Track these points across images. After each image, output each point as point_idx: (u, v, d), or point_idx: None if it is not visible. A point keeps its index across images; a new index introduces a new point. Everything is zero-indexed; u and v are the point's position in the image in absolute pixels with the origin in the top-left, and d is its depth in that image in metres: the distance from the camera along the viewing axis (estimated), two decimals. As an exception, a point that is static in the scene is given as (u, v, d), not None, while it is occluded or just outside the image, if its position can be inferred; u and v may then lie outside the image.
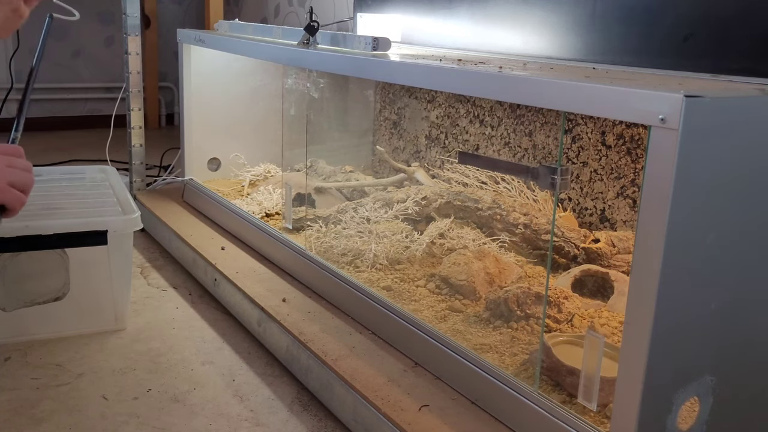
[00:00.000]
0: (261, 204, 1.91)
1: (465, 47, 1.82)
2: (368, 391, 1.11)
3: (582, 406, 0.98)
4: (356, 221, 1.66)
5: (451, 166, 1.83)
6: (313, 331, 1.32)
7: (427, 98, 1.99)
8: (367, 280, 1.44)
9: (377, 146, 2.18)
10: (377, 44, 1.38)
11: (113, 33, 3.69)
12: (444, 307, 1.34)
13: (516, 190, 1.64)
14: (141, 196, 2.19)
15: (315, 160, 1.99)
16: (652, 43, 1.38)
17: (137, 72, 2.15)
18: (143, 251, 2.01)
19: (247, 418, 1.22)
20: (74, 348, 1.43)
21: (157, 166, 2.75)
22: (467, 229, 1.59)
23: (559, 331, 1.20)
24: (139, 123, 2.20)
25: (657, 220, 0.78)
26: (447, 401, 1.10)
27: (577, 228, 1.51)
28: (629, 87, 0.82)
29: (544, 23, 1.60)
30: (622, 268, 1.38)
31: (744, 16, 1.23)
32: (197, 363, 1.39)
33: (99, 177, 1.76)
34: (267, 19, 3.19)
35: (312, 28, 1.53)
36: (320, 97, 1.85)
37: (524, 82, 0.97)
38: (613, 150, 1.48)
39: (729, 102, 0.81)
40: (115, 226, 1.43)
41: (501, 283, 1.38)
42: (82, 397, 1.26)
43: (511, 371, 1.10)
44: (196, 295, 1.72)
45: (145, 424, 1.19)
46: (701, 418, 0.91)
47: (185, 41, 2.08)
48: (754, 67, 1.22)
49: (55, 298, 1.44)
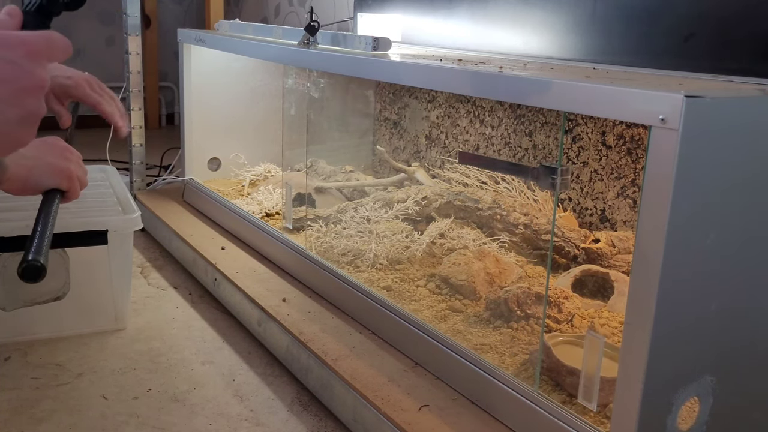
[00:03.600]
0: (261, 204, 1.91)
1: (465, 47, 1.82)
2: (368, 391, 1.11)
3: (582, 406, 0.98)
4: (356, 221, 1.66)
5: (452, 166, 1.83)
6: (313, 331, 1.32)
7: (427, 98, 1.99)
8: (367, 280, 1.44)
9: (377, 146, 2.18)
10: (377, 44, 1.38)
11: (113, 33, 3.69)
12: (444, 307, 1.34)
13: (516, 190, 1.64)
14: (141, 196, 2.19)
15: (315, 160, 1.99)
16: (652, 43, 1.38)
17: (137, 72, 2.15)
18: (143, 251, 2.01)
19: (247, 418, 1.22)
20: (74, 348, 1.43)
21: (157, 166, 2.75)
22: (467, 229, 1.59)
23: (559, 331, 1.20)
24: (140, 123, 2.20)
25: (657, 220, 0.78)
26: (447, 401, 1.10)
27: (577, 228, 1.51)
28: (629, 87, 0.82)
29: (544, 23, 1.60)
30: (622, 268, 1.38)
31: (744, 16, 1.23)
32: (197, 363, 1.39)
33: (99, 177, 1.76)
34: (267, 19, 3.19)
35: (312, 28, 1.53)
36: (320, 97, 1.85)
37: (524, 82, 0.97)
38: (614, 150, 1.48)
39: (729, 102, 0.81)
40: (115, 226, 1.43)
41: (501, 283, 1.38)
42: (82, 397, 1.26)
43: (511, 371, 1.10)
44: (196, 295, 1.72)
45: (145, 424, 1.19)
46: (701, 418, 0.91)
47: (185, 41, 2.08)
48: (754, 67, 1.22)
49: (55, 298, 1.44)
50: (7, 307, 1.41)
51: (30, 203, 1.52)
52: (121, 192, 1.61)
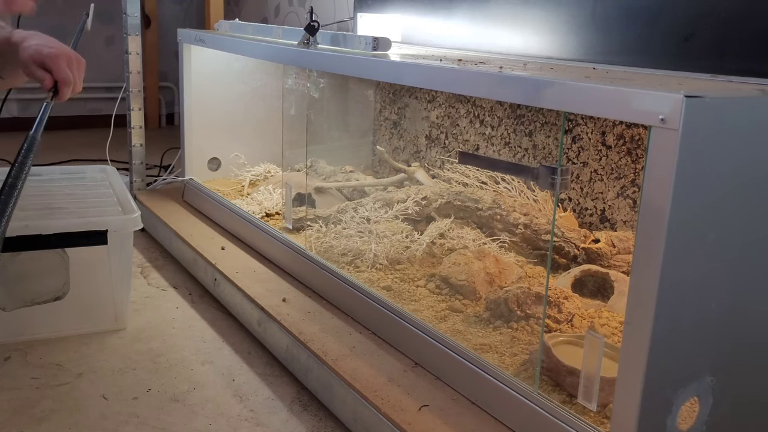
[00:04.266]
0: (261, 204, 1.91)
1: (465, 47, 1.82)
2: (368, 391, 1.11)
3: (582, 406, 0.98)
4: (356, 221, 1.66)
5: (452, 166, 1.83)
6: (312, 330, 1.32)
7: (427, 98, 1.99)
8: (367, 280, 1.44)
9: (377, 146, 2.18)
10: (377, 44, 1.38)
11: (113, 33, 3.69)
12: (444, 307, 1.34)
13: (516, 190, 1.64)
14: (141, 196, 2.19)
15: (315, 160, 1.99)
16: (652, 43, 1.38)
17: (137, 72, 2.15)
18: (143, 251, 2.01)
19: (247, 418, 1.22)
20: (74, 348, 1.43)
21: (157, 166, 2.75)
22: (467, 229, 1.59)
23: (559, 331, 1.20)
24: (140, 123, 2.20)
25: (657, 220, 0.78)
26: (447, 401, 1.10)
27: (577, 228, 1.51)
28: (629, 87, 0.82)
29: (544, 23, 1.60)
30: (622, 268, 1.38)
31: (744, 16, 1.23)
32: (197, 363, 1.39)
33: (99, 177, 1.76)
34: (267, 19, 3.19)
35: (312, 28, 1.53)
36: (320, 97, 1.85)
37: (524, 82, 0.97)
38: (614, 150, 1.48)
39: (729, 102, 0.81)
40: (115, 226, 1.43)
41: (501, 283, 1.38)
42: (82, 397, 1.26)
43: (511, 371, 1.10)
44: (196, 295, 1.72)
45: (145, 423, 1.19)
46: (701, 418, 0.91)
47: (185, 41, 2.08)
48: (754, 67, 1.22)
49: (55, 298, 1.44)
50: (7, 307, 1.41)
51: (30, 203, 1.52)
52: (121, 192, 1.61)
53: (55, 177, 1.74)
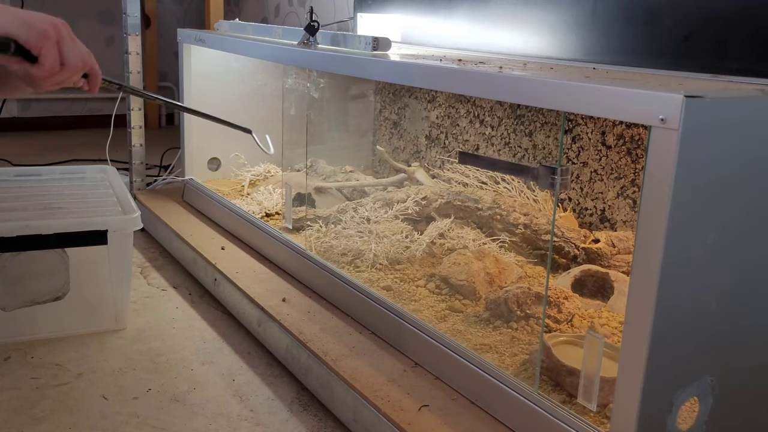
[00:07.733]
0: (261, 204, 1.91)
1: (465, 47, 1.82)
2: (368, 391, 1.11)
3: (582, 406, 0.98)
4: (356, 221, 1.66)
5: (451, 166, 1.83)
6: (312, 330, 1.32)
7: (427, 98, 1.99)
8: (367, 280, 1.44)
9: (377, 146, 2.18)
10: (377, 44, 1.38)
11: (113, 33, 3.69)
12: (444, 307, 1.34)
13: (516, 190, 1.64)
14: (141, 196, 2.19)
15: (315, 160, 1.99)
16: (652, 43, 1.38)
17: (137, 72, 2.15)
18: (143, 251, 2.01)
19: (247, 418, 1.22)
20: (74, 348, 1.43)
21: (157, 166, 2.75)
22: (467, 229, 1.59)
23: (559, 331, 1.20)
24: (139, 123, 2.20)
25: (657, 220, 0.78)
26: (447, 401, 1.10)
27: (577, 228, 1.51)
28: (629, 87, 0.82)
29: (544, 23, 1.60)
30: (622, 268, 1.38)
31: (744, 16, 1.23)
32: (197, 363, 1.39)
33: (99, 177, 1.76)
34: (267, 19, 3.19)
35: (312, 28, 1.53)
36: (320, 97, 1.85)
37: (524, 82, 0.97)
38: (614, 150, 1.48)
39: (729, 102, 0.81)
40: (115, 226, 1.43)
41: (501, 283, 1.38)
42: (82, 397, 1.26)
43: (511, 371, 1.10)
44: (196, 295, 1.72)
45: (145, 423, 1.19)
46: (701, 418, 0.91)
47: (185, 41, 2.08)
48: (754, 67, 1.22)
49: (55, 298, 1.44)
50: (7, 307, 1.41)
51: (30, 203, 1.52)
52: (121, 192, 1.61)
53: (55, 177, 1.74)
